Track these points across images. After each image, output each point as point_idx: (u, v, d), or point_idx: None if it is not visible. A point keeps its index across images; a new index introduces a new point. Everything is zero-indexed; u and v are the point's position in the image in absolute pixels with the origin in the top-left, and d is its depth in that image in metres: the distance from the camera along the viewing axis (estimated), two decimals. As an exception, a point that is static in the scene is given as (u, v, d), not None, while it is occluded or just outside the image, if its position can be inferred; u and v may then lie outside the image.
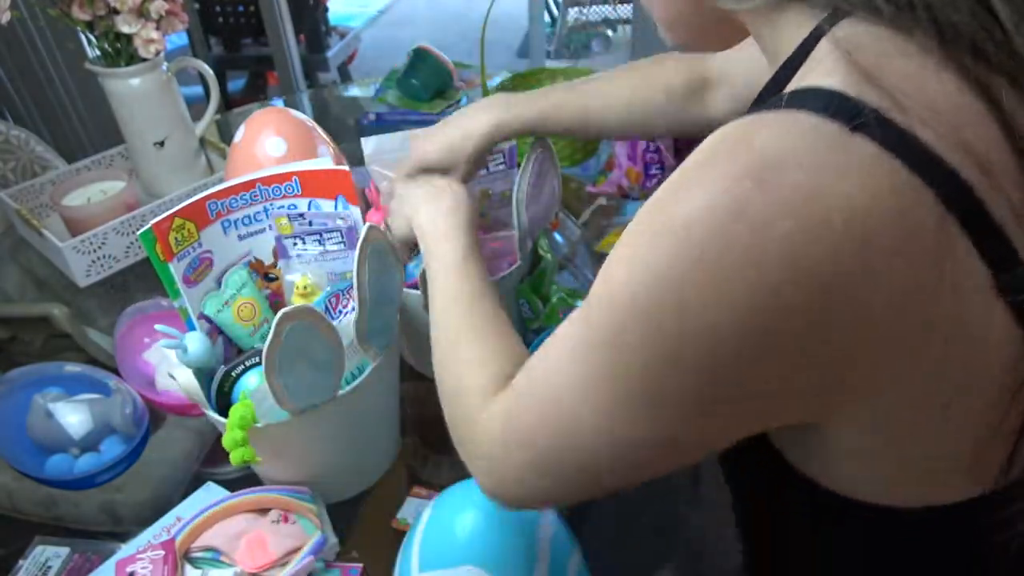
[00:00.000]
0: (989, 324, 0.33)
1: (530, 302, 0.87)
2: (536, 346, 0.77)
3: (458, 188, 0.70)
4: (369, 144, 0.82)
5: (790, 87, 0.37)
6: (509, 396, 0.47)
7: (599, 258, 1.02)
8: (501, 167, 0.82)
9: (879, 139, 0.31)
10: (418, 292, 0.74)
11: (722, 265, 0.32)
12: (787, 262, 0.31)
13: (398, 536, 0.65)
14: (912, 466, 0.39)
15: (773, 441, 0.44)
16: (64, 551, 0.70)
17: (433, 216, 0.67)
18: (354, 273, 0.64)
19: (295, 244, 0.76)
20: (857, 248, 0.31)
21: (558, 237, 1.07)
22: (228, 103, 2.92)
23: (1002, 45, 0.32)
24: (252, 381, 0.68)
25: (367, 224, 0.65)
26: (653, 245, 0.35)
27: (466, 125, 0.73)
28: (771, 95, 0.38)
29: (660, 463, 0.41)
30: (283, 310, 0.58)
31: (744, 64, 0.71)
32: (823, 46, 0.36)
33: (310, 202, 0.77)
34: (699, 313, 0.33)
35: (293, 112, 0.94)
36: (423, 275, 0.67)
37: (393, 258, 0.69)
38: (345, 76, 3.21)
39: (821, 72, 0.35)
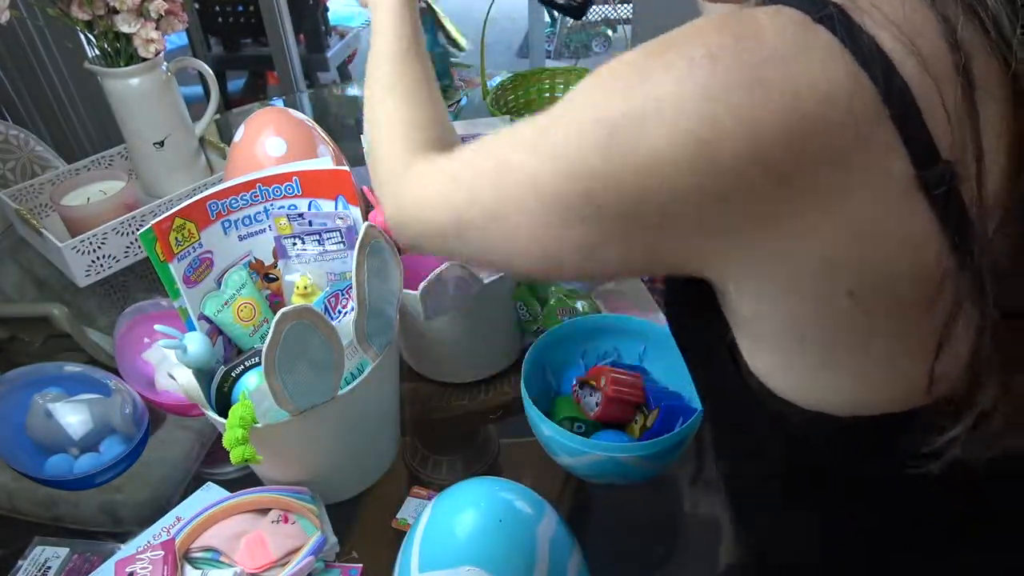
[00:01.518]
0: (909, 222, 0.35)
1: (527, 305, 0.87)
2: (536, 352, 0.77)
3: None
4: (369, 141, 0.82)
5: None
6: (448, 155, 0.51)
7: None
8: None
9: (837, 31, 0.35)
10: (416, 293, 0.74)
11: (689, 95, 0.35)
12: (732, 110, 0.35)
13: (398, 536, 0.65)
14: (837, 367, 0.41)
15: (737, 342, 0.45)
16: (64, 551, 0.70)
17: None
18: (353, 273, 0.64)
19: (294, 244, 0.75)
20: (807, 110, 0.34)
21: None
22: (228, 103, 2.92)
23: None
24: (252, 381, 0.68)
25: (366, 224, 0.65)
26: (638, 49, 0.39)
27: None
28: None
29: (544, 237, 0.43)
30: (282, 310, 0.58)
31: None
32: None
33: (310, 202, 0.77)
34: (656, 124, 0.36)
35: (293, 112, 0.94)
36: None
37: (393, 258, 0.69)
38: (345, 76, 3.21)
39: None
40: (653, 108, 0.36)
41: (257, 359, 0.67)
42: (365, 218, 0.75)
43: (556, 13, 3.79)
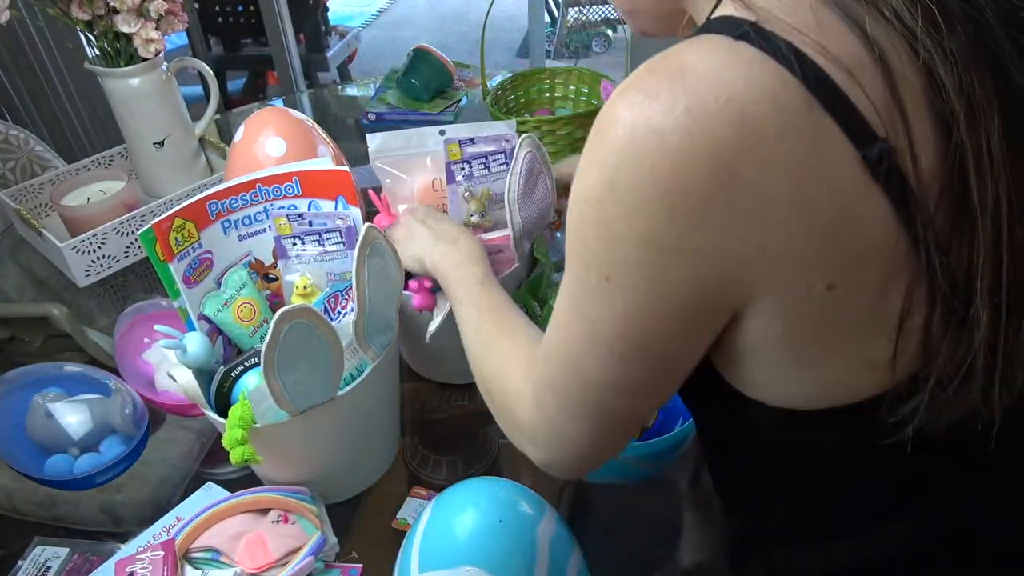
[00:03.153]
0: (867, 203, 0.38)
1: (527, 306, 0.86)
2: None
3: (469, 237, 0.75)
4: (374, 140, 0.83)
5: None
6: (535, 367, 0.53)
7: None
8: (503, 167, 0.82)
9: (755, 43, 0.38)
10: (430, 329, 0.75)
11: (641, 147, 0.38)
12: (687, 135, 0.37)
13: (398, 536, 0.65)
14: (810, 364, 0.43)
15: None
16: (64, 551, 0.70)
17: (446, 251, 0.73)
18: (353, 274, 0.64)
19: (294, 244, 0.75)
20: (740, 123, 0.37)
21: (560, 236, 1.07)
22: (228, 103, 2.92)
23: None
24: (251, 381, 0.68)
25: (367, 225, 0.65)
26: (592, 145, 0.42)
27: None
28: None
29: (647, 378, 0.46)
30: (281, 310, 0.58)
31: None
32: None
33: (310, 202, 0.77)
34: (630, 193, 0.39)
35: (293, 112, 0.94)
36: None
37: (393, 259, 0.69)
38: (345, 76, 3.21)
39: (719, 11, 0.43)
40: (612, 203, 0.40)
41: (257, 359, 0.67)
42: (365, 219, 0.75)
43: (556, 12, 3.80)
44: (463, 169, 0.79)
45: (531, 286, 0.86)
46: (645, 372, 0.46)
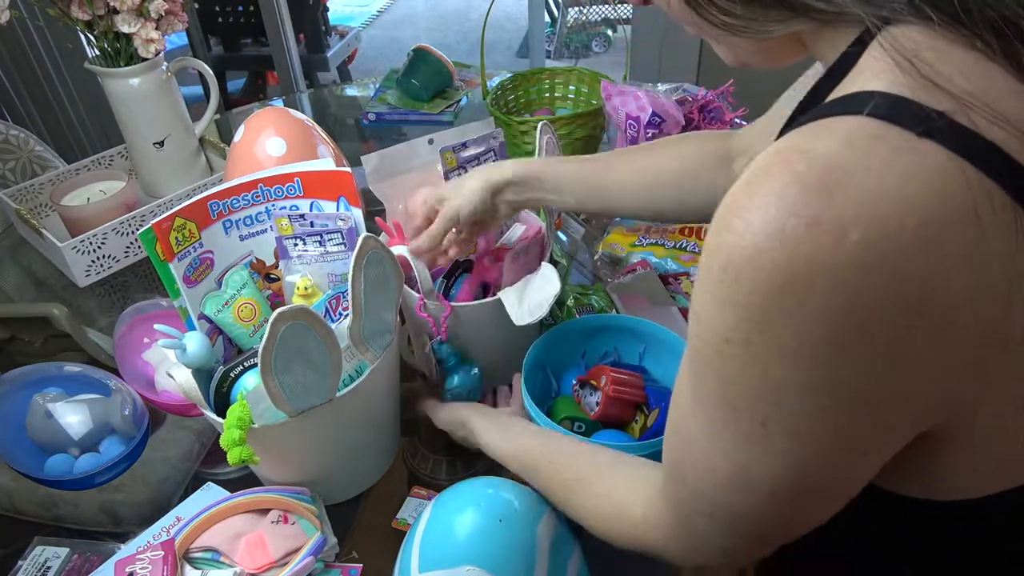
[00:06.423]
0: None
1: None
2: (536, 351, 0.77)
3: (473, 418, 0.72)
4: (370, 162, 0.81)
5: (836, 93, 0.36)
6: (662, 488, 0.49)
7: (600, 257, 1.02)
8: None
9: (949, 143, 0.31)
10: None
11: (806, 290, 0.31)
12: (864, 270, 0.31)
13: (398, 536, 0.65)
14: (982, 461, 0.39)
15: None
16: (63, 551, 0.70)
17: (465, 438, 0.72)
18: (349, 284, 0.64)
19: (296, 245, 0.75)
20: (932, 251, 0.30)
21: (561, 235, 1.07)
22: (228, 103, 2.92)
23: None
24: (250, 381, 0.68)
25: (363, 235, 0.64)
26: (722, 284, 0.34)
27: (463, 186, 0.74)
28: (812, 106, 0.38)
29: (808, 499, 0.41)
30: (279, 310, 0.58)
31: (765, 134, 0.70)
32: (874, 50, 0.35)
33: (312, 203, 0.77)
34: (791, 338, 0.33)
35: (293, 112, 0.94)
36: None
37: (392, 266, 0.68)
38: (345, 76, 3.21)
39: (870, 76, 0.34)
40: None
41: (256, 359, 0.67)
42: (366, 220, 0.75)
43: (556, 12, 3.80)
44: (459, 175, 0.79)
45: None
46: (801, 507, 0.41)
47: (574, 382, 0.78)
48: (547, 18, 3.68)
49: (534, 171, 0.74)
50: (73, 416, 0.76)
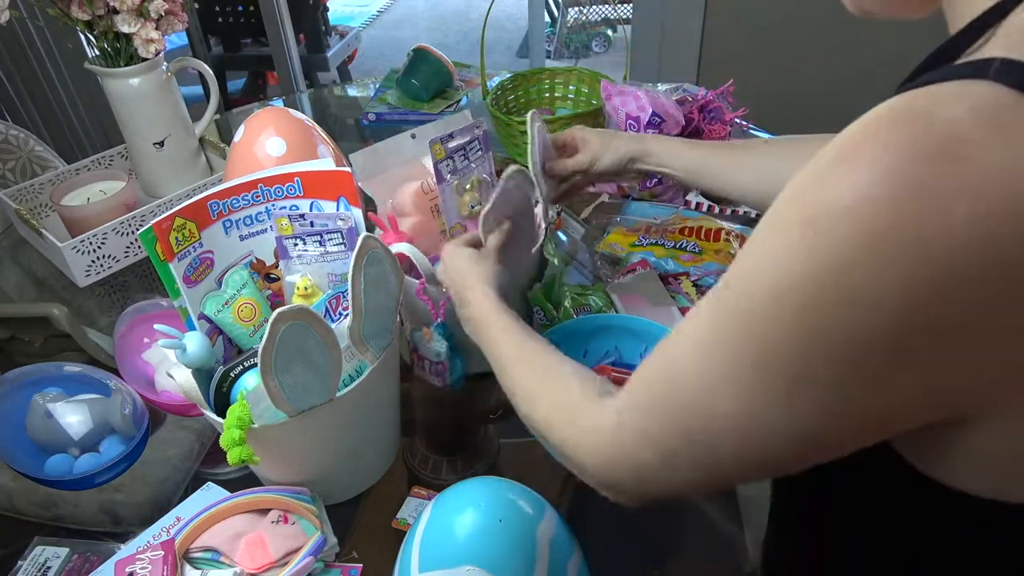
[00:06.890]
0: None
1: (544, 309, 0.87)
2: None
3: (474, 291, 0.68)
4: (357, 161, 0.82)
5: (967, 58, 0.34)
6: (625, 400, 0.47)
7: (599, 257, 1.02)
8: (479, 153, 0.83)
9: None
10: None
11: (895, 254, 0.30)
12: (973, 248, 0.29)
13: (398, 536, 0.65)
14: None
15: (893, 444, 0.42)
16: (63, 551, 0.70)
17: (465, 315, 0.68)
18: (349, 283, 0.64)
19: (296, 245, 0.75)
20: None
21: (561, 236, 1.07)
22: (228, 103, 2.92)
23: None
24: (250, 381, 0.68)
25: (363, 235, 0.64)
26: (804, 235, 0.32)
27: (610, 144, 0.82)
28: (935, 66, 0.35)
29: (788, 456, 0.39)
30: (278, 310, 0.58)
31: None
32: (1013, 20, 0.33)
33: (312, 203, 0.77)
34: (868, 305, 0.31)
35: (293, 112, 0.94)
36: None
37: (392, 266, 0.68)
38: (345, 76, 3.21)
39: (1006, 44, 0.32)
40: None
41: (255, 359, 0.67)
42: (366, 219, 0.75)
43: (556, 12, 3.80)
44: (448, 165, 0.80)
45: (545, 289, 0.87)
46: (777, 463, 0.40)
47: (574, 382, 0.78)
48: (547, 18, 3.68)
49: (673, 151, 0.82)
50: (73, 416, 0.76)
